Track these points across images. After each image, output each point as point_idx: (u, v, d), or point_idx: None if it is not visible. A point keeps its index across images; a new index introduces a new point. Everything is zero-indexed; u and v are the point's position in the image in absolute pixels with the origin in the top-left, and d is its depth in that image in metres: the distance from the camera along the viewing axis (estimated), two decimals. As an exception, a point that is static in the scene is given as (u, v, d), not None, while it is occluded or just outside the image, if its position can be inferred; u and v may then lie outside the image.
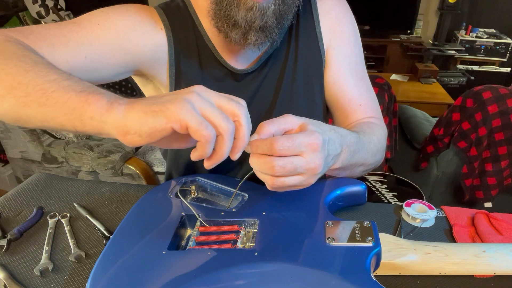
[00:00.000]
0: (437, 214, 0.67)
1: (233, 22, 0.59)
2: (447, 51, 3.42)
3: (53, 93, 0.40)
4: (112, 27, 0.60)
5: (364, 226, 0.54)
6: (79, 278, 0.56)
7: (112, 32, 0.60)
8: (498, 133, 1.64)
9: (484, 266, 0.54)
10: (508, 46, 3.45)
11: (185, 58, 0.68)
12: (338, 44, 0.72)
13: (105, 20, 0.60)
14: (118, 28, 0.60)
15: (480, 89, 1.69)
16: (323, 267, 0.47)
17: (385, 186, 1.48)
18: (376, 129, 0.69)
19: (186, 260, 0.50)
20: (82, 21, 0.60)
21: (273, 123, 0.48)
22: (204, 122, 0.38)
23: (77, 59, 0.56)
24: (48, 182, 0.80)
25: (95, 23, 0.59)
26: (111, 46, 0.60)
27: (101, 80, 0.62)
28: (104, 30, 0.59)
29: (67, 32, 0.56)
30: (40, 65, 0.44)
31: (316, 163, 0.47)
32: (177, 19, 0.68)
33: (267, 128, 0.48)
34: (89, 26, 0.59)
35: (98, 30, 0.59)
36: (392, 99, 1.85)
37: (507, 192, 1.83)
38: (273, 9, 0.58)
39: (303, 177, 0.48)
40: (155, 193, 0.66)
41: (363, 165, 0.65)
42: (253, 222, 0.58)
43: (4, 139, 1.94)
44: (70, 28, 0.57)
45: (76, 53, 0.56)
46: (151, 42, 0.65)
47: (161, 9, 0.68)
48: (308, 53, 0.71)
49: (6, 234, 0.63)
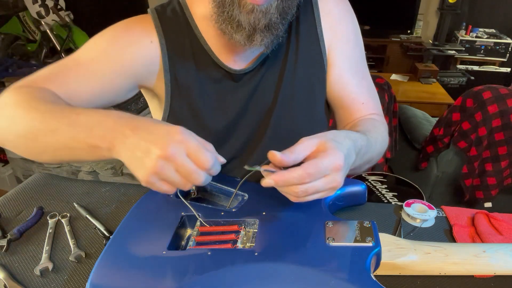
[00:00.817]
0: (437, 214, 0.67)
1: (237, 23, 0.58)
2: (447, 51, 3.41)
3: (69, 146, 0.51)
4: (104, 58, 0.64)
5: (364, 226, 0.54)
6: (79, 278, 0.56)
7: (105, 62, 0.64)
8: (498, 133, 1.64)
9: (484, 266, 0.54)
10: (508, 46, 3.45)
11: (180, 63, 0.68)
12: (339, 43, 0.72)
13: (97, 52, 0.65)
14: (110, 57, 0.64)
15: (480, 89, 1.69)
16: (323, 267, 0.47)
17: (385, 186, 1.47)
18: (379, 126, 0.70)
19: (186, 260, 0.50)
20: (81, 57, 0.65)
21: (292, 153, 0.49)
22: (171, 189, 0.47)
23: (87, 94, 0.63)
24: (48, 182, 0.80)
25: (90, 58, 0.64)
26: (109, 75, 0.65)
27: (115, 102, 0.69)
28: (99, 63, 0.64)
29: (72, 74, 0.63)
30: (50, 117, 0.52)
31: (338, 181, 0.50)
32: (171, 23, 0.68)
33: (287, 160, 0.48)
34: (86, 64, 0.64)
35: (93, 65, 0.64)
36: (392, 99, 1.85)
37: (507, 192, 1.82)
38: (275, 5, 0.58)
39: (324, 193, 0.51)
40: (155, 193, 0.66)
41: (369, 163, 0.66)
42: (253, 222, 0.58)
43: (4, 139, 1.93)
44: (72, 69, 0.63)
45: (83, 89, 0.63)
46: (143, 58, 0.67)
47: (156, 12, 0.68)
48: (309, 52, 0.71)
49: (6, 234, 0.63)
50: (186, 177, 0.46)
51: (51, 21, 2.76)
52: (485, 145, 1.68)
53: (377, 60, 3.69)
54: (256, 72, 0.70)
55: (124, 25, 0.67)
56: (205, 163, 0.46)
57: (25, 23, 2.88)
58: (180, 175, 0.46)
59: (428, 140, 1.89)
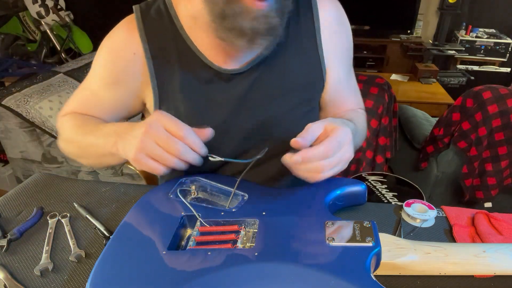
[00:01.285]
0: (437, 214, 0.67)
1: (239, 32, 0.58)
2: (447, 51, 3.41)
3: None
4: (104, 86, 0.72)
5: (364, 226, 0.54)
6: (79, 278, 0.56)
7: (107, 90, 0.72)
8: (498, 133, 1.64)
9: (484, 266, 0.54)
10: (508, 46, 3.45)
11: (165, 65, 0.68)
12: (338, 51, 0.74)
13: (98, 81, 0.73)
14: (107, 84, 0.71)
15: (480, 89, 1.69)
16: (323, 267, 0.47)
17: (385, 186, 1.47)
18: (362, 117, 0.79)
19: (186, 260, 0.51)
20: (92, 86, 0.74)
21: (308, 134, 0.56)
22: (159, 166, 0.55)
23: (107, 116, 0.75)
24: (48, 182, 0.80)
25: (96, 88, 0.73)
26: (115, 99, 0.73)
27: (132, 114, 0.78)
28: (104, 91, 0.72)
29: (92, 104, 0.74)
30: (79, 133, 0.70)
31: (350, 152, 0.59)
32: (155, 24, 0.67)
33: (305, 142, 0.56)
34: (95, 93, 0.73)
35: (100, 94, 0.73)
36: (392, 99, 1.85)
37: (507, 192, 1.82)
38: (275, 8, 0.58)
39: (340, 166, 0.58)
40: (155, 193, 0.66)
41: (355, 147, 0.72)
42: (253, 222, 0.58)
43: (4, 139, 1.93)
44: (89, 99, 0.75)
45: (103, 113, 0.75)
46: (132, 74, 0.69)
47: (140, 11, 0.68)
48: (308, 60, 0.72)
49: (6, 234, 0.63)
50: (166, 148, 0.54)
51: (51, 21, 2.76)
52: (485, 145, 1.68)
53: (377, 60, 3.69)
54: (250, 73, 0.69)
55: (109, 43, 0.70)
56: (178, 131, 0.54)
57: (25, 23, 2.88)
58: (162, 147, 0.54)
59: (428, 140, 1.90)
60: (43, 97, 1.90)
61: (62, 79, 2.07)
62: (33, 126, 1.87)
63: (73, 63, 2.26)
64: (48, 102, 1.91)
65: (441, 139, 1.81)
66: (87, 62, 2.29)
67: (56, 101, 1.94)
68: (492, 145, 1.67)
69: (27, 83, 1.92)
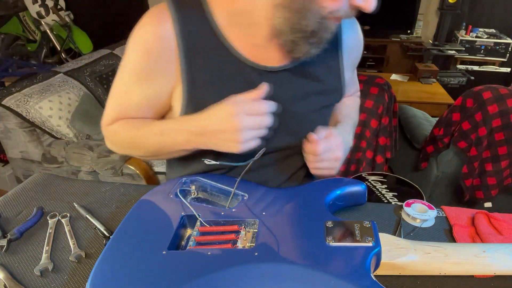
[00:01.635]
0: (437, 214, 0.67)
1: (318, 43, 0.63)
2: (447, 51, 3.41)
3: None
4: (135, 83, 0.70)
5: (364, 226, 0.54)
6: (79, 278, 0.56)
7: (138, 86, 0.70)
8: (498, 133, 1.64)
9: (484, 266, 0.54)
10: (508, 46, 3.45)
11: (197, 61, 0.67)
12: (353, 63, 0.82)
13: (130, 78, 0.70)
14: (139, 78, 0.69)
15: (480, 89, 1.69)
16: (323, 267, 0.47)
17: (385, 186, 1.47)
18: (354, 107, 0.91)
19: (186, 260, 0.51)
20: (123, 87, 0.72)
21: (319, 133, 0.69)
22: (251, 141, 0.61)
23: (147, 115, 0.74)
24: (48, 182, 0.80)
25: (128, 85, 0.71)
26: (146, 95, 0.71)
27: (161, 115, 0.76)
28: (134, 88, 0.70)
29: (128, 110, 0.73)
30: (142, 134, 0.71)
31: (340, 153, 0.70)
32: (188, 19, 0.66)
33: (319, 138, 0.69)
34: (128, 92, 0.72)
35: (134, 91, 0.71)
36: (392, 99, 1.85)
37: (507, 192, 1.82)
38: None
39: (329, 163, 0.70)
40: (155, 193, 0.66)
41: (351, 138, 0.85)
42: (253, 222, 0.58)
43: (4, 139, 1.93)
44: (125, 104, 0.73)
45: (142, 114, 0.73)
46: (165, 69, 0.67)
47: (173, 5, 0.66)
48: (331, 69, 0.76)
49: (6, 234, 0.63)
50: (258, 114, 0.60)
51: (51, 21, 2.76)
52: (485, 145, 1.68)
53: (377, 60, 3.69)
54: (282, 73, 0.70)
55: (142, 38, 0.66)
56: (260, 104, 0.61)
57: (25, 23, 2.88)
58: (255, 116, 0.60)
59: (428, 140, 1.90)
60: (43, 97, 1.90)
61: (62, 79, 2.07)
62: (33, 126, 1.87)
63: (73, 63, 2.26)
64: (48, 102, 1.91)
65: (441, 139, 1.81)
66: (87, 62, 2.29)
67: (56, 101, 1.94)
68: (492, 145, 1.67)
69: (27, 83, 1.92)
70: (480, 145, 1.69)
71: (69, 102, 1.99)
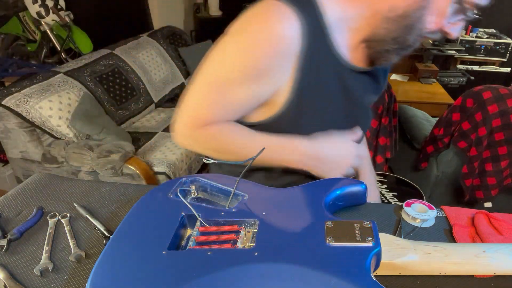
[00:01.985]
0: (437, 214, 0.67)
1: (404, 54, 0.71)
2: (447, 51, 3.41)
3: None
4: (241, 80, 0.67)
5: (364, 226, 0.54)
6: (79, 278, 0.56)
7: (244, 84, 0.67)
8: (498, 133, 1.64)
9: (484, 266, 0.54)
10: (508, 46, 3.45)
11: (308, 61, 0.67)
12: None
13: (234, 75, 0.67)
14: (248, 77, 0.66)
15: (480, 89, 1.69)
16: (323, 267, 0.47)
17: (385, 186, 1.48)
18: None
19: (186, 260, 0.51)
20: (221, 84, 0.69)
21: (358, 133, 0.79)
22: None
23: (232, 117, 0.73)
24: (48, 182, 0.80)
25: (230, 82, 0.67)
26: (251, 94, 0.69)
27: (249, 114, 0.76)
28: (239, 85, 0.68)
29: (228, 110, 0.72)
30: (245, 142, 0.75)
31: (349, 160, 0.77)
32: (305, 19, 0.64)
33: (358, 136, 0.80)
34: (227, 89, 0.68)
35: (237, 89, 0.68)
36: (392, 99, 1.85)
37: (507, 192, 1.82)
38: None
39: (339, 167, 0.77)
40: (155, 193, 0.66)
41: None
42: (253, 222, 0.58)
43: (4, 139, 1.93)
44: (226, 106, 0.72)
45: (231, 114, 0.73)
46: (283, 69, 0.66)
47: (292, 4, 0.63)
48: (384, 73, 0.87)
49: (6, 234, 0.63)
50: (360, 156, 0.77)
51: (51, 21, 2.76)
52: (485, 145, 1.68)
53: (377, 60, 3.69)
54: (364, 73, 0.77)
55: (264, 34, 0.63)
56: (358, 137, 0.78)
57: (25, 23, 2.88)
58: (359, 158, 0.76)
59: (428, 140, 1.90)
60: (43, 97, 1.90)
61: (62, 79, 2.07)
62: (33, 126, 1.87)
63: (73, 63, 2.26)
64: (48, 102, 1.91)
65: (441, 139, 1.81)
66: (87, 62, 2.29)
67: (56, 101, 1.94)
68: (492, 145, 1.68)
69: (27, 83, 1.92)
70: (480, 145, 1.69)
71: (69, 102, 1.99)
